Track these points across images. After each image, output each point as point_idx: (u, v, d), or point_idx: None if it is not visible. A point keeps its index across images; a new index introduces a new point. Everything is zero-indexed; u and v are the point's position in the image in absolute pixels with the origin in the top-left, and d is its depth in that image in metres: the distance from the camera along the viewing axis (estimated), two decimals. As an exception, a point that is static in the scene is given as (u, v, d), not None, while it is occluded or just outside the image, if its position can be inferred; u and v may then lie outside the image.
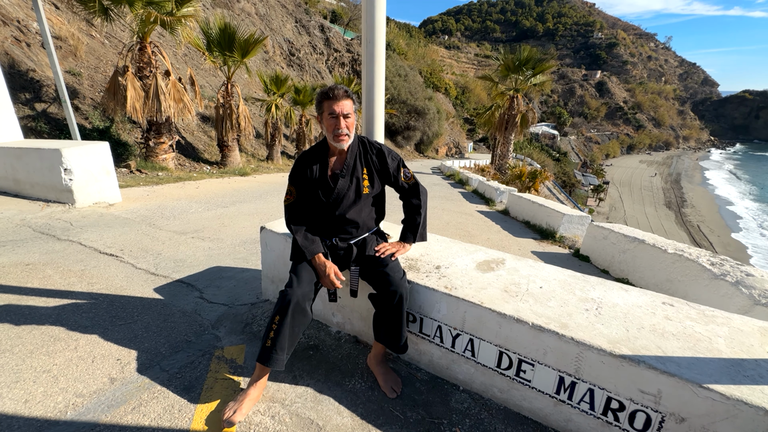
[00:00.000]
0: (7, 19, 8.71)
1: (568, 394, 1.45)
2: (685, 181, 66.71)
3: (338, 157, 1.79)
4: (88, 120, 8.63)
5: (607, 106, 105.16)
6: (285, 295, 1.55)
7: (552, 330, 1.43)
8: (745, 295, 2.74)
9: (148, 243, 3.49)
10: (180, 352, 1.93)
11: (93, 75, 9.89)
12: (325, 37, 29.28)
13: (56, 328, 2.03)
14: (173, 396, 1.61)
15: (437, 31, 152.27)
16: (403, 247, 1.88)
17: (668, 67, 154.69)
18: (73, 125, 6.19)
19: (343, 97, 1.65)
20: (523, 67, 16.26)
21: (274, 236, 2.24)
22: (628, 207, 46.68)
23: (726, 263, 3.25)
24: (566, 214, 5.90)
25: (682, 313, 1.59)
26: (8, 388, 1.59)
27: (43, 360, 1.78)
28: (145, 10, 7.08)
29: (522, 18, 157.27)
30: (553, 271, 1.94)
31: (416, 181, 1.89)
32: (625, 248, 4.20)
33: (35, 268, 2.76)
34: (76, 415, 1.49)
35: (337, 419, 1.55)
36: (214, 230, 4.10)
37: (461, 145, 43.31)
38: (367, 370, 1.84)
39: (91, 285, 2.57)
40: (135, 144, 8.97)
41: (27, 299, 2.32)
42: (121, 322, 2.16)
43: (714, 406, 1.16)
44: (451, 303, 1.67)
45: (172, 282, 2.73)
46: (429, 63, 51.80)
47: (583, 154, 76.91)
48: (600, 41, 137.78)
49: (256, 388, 1.56)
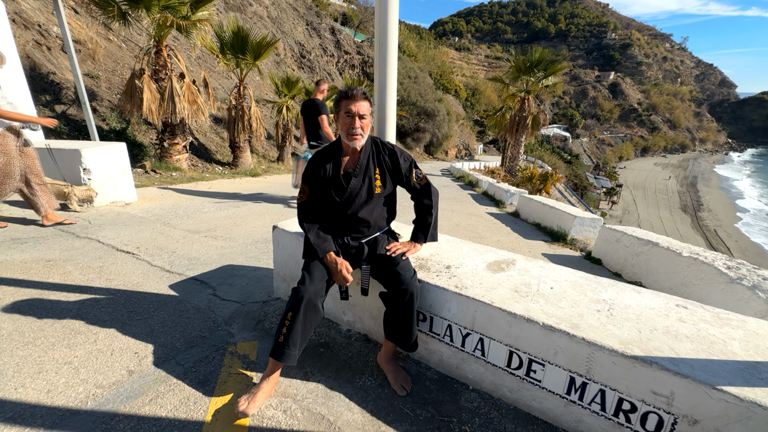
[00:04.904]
0: (29, 24, 8.99)
1: (579, 395, 1.45)
2: (701, 184, 65.26)
3: (351, 156, 1.82)
4: (105, 121, 8.85)
5: (621, 107, 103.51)
6: (297, 292, 1.58)
7: (563, 330, 1.43)
8: (762, 300, 2.68)
9: (163, 241, 3.57)
10: (195, 347, 1.97)
11: (110, 78, 10.14)
12: (335, 39, 29.48)
13: (76, 322, 2.10)
14: (188, 389, 1.65)
15: (447, 32, 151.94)
16: (414, 246, 1.90)
17: (684, 68, 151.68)
18: (91, 126, 6.36)
19: (361, 98, 1.69)
20: (535, 69, 16.11)
21: (286, 235, 2.28)
22: (642, 210, 45.84)
23: (743, 267, 3.18)
24: (578, 217, 5.83)
25: (696, 315, 1.57)
26: (31, 379, 1.65)
27: (65, 352, 1.84)
28: (161, 14, 7.25)
29: (533, 19, 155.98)
30: (564, 272, 1.94)
31: (428, 182, 1.91)
32: (639, 251, 4.14)
33: (56, 264, 2.85)
34: (96, 406, 1.54)
35: (347, 415, 1.57)
36: (227, 229, 4.17)
37: (471, 147, 43.09)
38: (378, 368, 1.85)
39: (109, 281, 2.65)
40: (150, 145, 9.16)
41: (48, 294, 2.40)
42: (138, 317, 2.22)
43: (727, 408, 1.15)
44: (462, 302, 1.68)
45: (186, 279, 2.79)
46: (439, 65, 51.72)
47: (595, 157, 75.82)
48: (614, 42, 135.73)
49: (269, 383, 1.60)
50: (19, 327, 2.01)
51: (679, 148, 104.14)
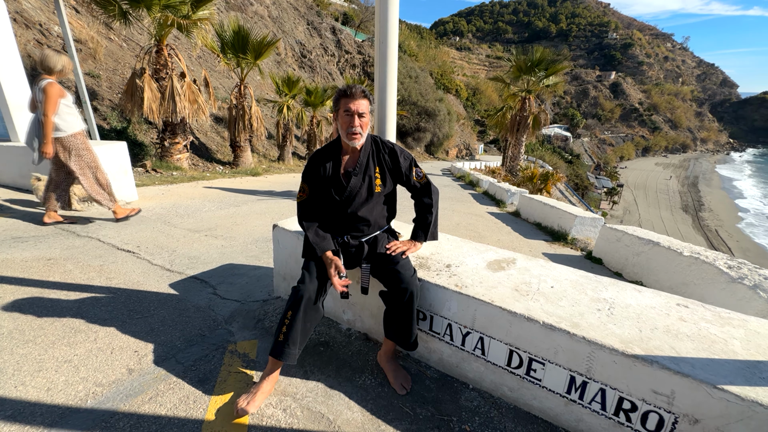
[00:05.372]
0: (30, 23, 9.01)
1: (579, 394, 1.44)
2: (702, 184, 65.14)
3: (351, 155, 1.81)
4: (106, 121, 8.86)
5: (622, 107, 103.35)
6: (297, 291, 1.58)
7: (563, 329, 1.43)
8: (763, 299, 2.68)
9: (164, 240, 3.58)
10: (194, 345, 1.97)
11: (111, 77, 10.15)
12: (336, 39, 29.48)
13: (76, 321, 2.10)
14: (188, 387, 1.65)
15: (448, 32, 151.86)
16: (414, 245, 1.89)
17: (686, 67, 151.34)
18: (92, 125, 6.36)
19: (360, 96, 1.68)
20: (536, 68, 16.10)
21: (286, 234, 2.28)
22: (643, 210, 45.77)
23: (744, 266, 3.18)
24: (578, 216, 5.82)
25: (696, 314, 1.56)
26: (31, 377, 1.65)
27: (65, 350, 1.84)
28: (162, 13, 7.25)
29: (534, 19, 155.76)
30: (565, 271, 1.93)
31: (428, 181, 1.90)
32: (639, 251, 4.14)
33: (56, 262, 2.85)
34: (96, 404, 1.54)
35: (347, 414, 1.57)
36: (227, 228, 4.17)
37: (472, 146, 43.08)
38: (377, 367, 1.85)
39: (110, 280, 2.65)
40: (151, 144, 9.17)
41: (49, 292, 2.40)
42: (138, 315, 2.22)
43: (728, 408, 1.14)
44: (462, 301, 1.68)
45: (186, 278, 2.79)
46: (440, 64, 51.74)
47: (596, 157, 75.72)
48: (615, 42, 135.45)
49: (269, 382, 1.59)
50: (19, 325, 2.01)
51: (681, 148, 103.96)
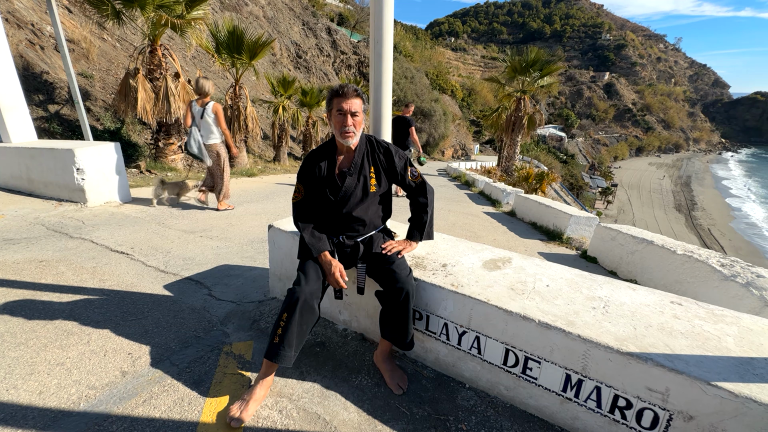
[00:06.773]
0: (22, 23, 8.90)
1: (575, 392, 1.45)
2: (695, 183, 65.75)
3: (346, 155, 1.81)
4: (99, 121, 8.77)
5: (616, 108, 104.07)
6: (293, 293, 1.57)
7: (559, 327, 1.43)
8: (755, 297, 2.70)
9: (158, 241, 3.55)
10: (189, 347, 1.96)
11: (104, 77, 10.06)
12: (331, 39, 29.43)
13: (69, 323, 2.07)
14: (183, 389, 1.64)
15: (444, 33, 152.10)
16: (410, 245, 1.89)
17: (678, 68, 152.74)
18: (85, 126, 6.30)
19: (353, 95, 1.67)
20: (530, 69, 16.16)
21: (281, 234, 2.27)
22: (636, 210, 46.12)
23: (736, 264, 3.21)
24: (573, 216, 5.85)
25: (690, 312, 1.58)
26: (23, 380, 1.63)
27: (57, 353, 1.82)
28: (156, 13, 7.19)
29: (529, 20, 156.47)
30: (560, 270, 1.94)
31: (423, 180, 1.90)
32: (634, 249, 4.16)
33: (49, 264, 2.82)
34: (89, 407, 1.52)
35: (343, 414, 1.56)
36: (222, 229, 4.14)
37: (467, 147, 43.15)
38: (374, 367, 1.85)
39: (103, 281, 2.62)
40: (145, 145, 9.09)
41: (41, 295, 2.37)
42: (132, 317, 2.20)
43: (722, 404, 1.15)
44: (458, 300, 1.68)
45: (181, 279, 2.77)
46: (435, 65, 51.81)
47: (591, 156, 76.17)
48: (608, 43, 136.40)
49: (263, 387, 1.57)
50: (10, 328, 1.99)
51: (674, 148, 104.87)
